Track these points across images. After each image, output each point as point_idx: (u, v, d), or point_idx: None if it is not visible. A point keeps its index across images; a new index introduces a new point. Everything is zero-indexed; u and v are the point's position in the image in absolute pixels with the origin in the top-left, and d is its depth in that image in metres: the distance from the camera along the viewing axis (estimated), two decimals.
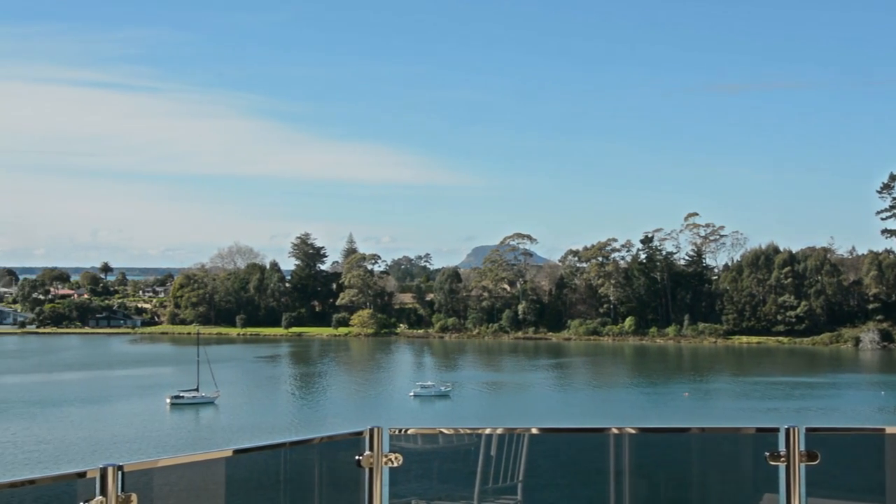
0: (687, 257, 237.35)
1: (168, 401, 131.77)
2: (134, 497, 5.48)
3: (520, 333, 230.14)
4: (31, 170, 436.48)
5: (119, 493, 5.42)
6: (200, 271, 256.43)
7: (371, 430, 7.34)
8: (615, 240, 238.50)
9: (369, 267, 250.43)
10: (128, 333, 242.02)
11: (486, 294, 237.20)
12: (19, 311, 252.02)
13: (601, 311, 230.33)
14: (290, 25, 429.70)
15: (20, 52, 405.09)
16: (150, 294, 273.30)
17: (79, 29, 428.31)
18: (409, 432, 7.64)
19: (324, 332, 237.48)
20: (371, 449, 7.27)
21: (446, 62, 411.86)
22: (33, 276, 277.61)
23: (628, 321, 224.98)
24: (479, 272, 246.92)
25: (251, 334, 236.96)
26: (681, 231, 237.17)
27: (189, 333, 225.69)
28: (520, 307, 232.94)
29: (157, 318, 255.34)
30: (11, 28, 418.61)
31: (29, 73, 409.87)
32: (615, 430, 7.80)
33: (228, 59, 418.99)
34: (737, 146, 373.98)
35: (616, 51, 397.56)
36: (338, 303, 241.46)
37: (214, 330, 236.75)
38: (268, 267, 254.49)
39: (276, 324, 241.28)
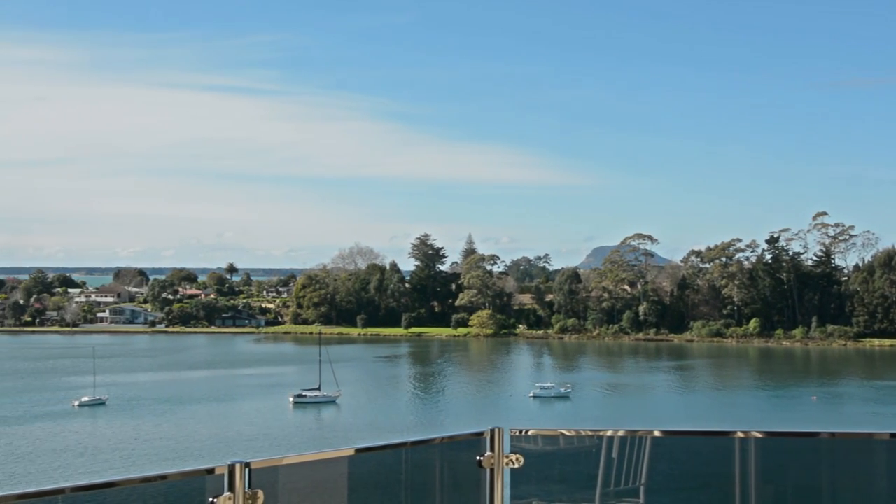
0: (815, 258, 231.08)
1: (291, 399, 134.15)
2: (260, 494, 5.56)
3: (640, 335, 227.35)
4: (162, 173, 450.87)
5: (246, 490, 5.51)
6: (322, 272, 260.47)
7: (492, 431, 7.31)
8: (739, 240, 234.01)
9: (488, 267, 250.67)
10: (252, 333, 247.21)
11: (606, 295, 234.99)
12: (149, 310, 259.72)
13: (724, 312, 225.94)
14: (414, 28, 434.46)
15: (152, 59, 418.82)
16: (274, 294, 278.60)
17: (208, 36, 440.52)
18: (529, 433, 7.59)
19: (443, 332, 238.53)
20: (492, 449, 7.24)
21: (567, 63, 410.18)
22: (163, 277, 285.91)
23: (753, 323, 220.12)
24: (600, 273, 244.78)
25: (371, 334, 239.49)
26: (808, 231, 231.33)
27: (311, 333, 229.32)
28: (640, 308, 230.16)
29: (280, 318, 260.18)
30: (143, 36, 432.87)
31: (160, 80, 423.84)
32: (740, 435, 7.61)
33: (353, 61, 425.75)
34: (867, 143, 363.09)
35: (734, 52, 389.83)
36: (457, 303, 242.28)
37: (336, 330, 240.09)
38: (388, 268, 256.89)
39: (396, 324, 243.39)
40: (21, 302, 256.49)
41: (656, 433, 7.78)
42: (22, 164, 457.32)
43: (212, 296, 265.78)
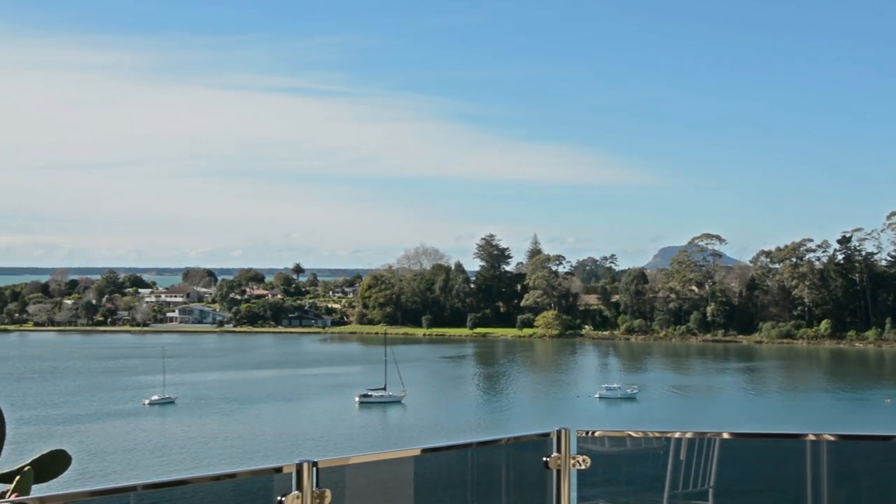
0: (889, 258, 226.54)
1: (357, 399, 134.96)
2: (328, 493, 5.58)
3: (708, 336, 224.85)
4: (230, 174, 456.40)
5: (314, 489, 5.55)
6: (388, 272, 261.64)
7: (558, 432, 7.27)
8: (810, 240, 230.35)
9: (554, 268, 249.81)
10: (318, 333, 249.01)
11: (673, 295, 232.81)
12: (217, 310, 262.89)
13: (795, 313, 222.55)
14: (480, 29, 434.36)
15: (221, 61, 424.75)
16: (340, 294, 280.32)
17: (276, 38, 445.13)
18: (596, 434, 7.54)
19: (508, 332, 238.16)
20: (559, 450, 7.20)
21: (634, 63, 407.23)
22: (230, 277, 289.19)
23: (824, 324, 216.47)
24: (667, 273, 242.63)
25: (436, 335, 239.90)
26: (882, 230, 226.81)
27: (376, 333, 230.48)
28: (708, 309, 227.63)
29: (345, 318, 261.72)
30: (212, 39, 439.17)
31: (228, 82, 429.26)
32: (812, 437, 7.48)
33: (419, 62, 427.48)
34: None
35: (800, 50, 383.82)
36: (522, 304, 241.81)
37: (401, 330, 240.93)
38: (453, 268, 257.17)
39: (461, 324, 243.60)
40: (93, 302, 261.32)
41: (725, 435, 7.68)
42: (94, 167, 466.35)
43: (279, 296, 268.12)
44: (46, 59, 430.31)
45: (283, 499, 5.46)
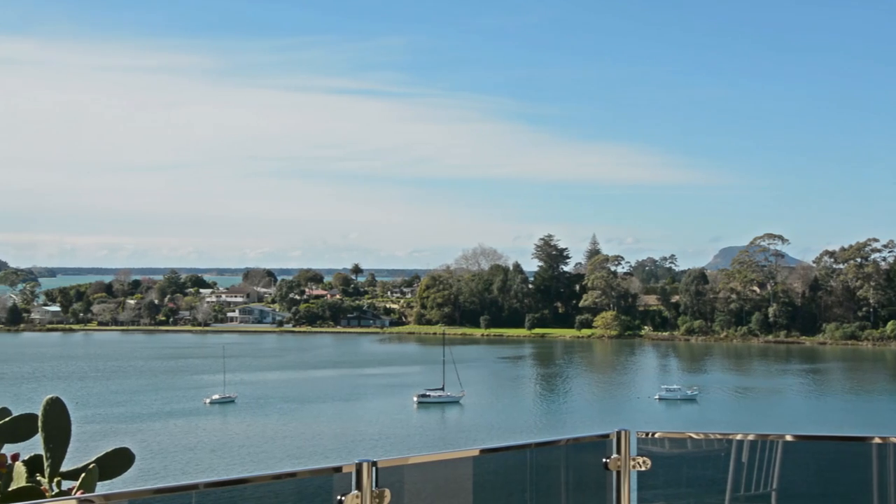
0: None
1: (415, 399, 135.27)
2: (387, 493, 5.59)
3: (770, 337, 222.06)
4: (290, 175, 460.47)
5: (373, 489, 5.56)
6: (446, 272, 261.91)
7: (618, 433, 7.21)
8: (876, 240, 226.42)
9: (613, 268, 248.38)
10: (376, 333, 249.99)
11: (734, 296, 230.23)
12: (277, 310, 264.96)
13: (859, 314, 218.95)
14: (540, 28, 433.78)
15: (282, 63, 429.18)
16: (398, 295, 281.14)
17: (338, 39, 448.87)
18: (656, 436, 7.47)
19: (567, 333, 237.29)
20: (618, 452, 7.15)
21: (697, 62, 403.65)
22: (290, 278, 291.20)
23: (890, 325, 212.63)
24: (727, 273, 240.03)
25: (495, 335, 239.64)
26: None
27: (434, 333, 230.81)
28: (770, 310, 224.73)
29: (404, 319, 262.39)
30: (275, 41, 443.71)
31: (289, 84, 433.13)
32: (878, 440, 7.35)
33: (479, 62, 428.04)
34: None
35: (864, 49, 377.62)
36: (581, 304, 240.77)
37: (459, 330, 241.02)
38: (511, 268, 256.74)
39: (520, 325, 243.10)
40: (156, 301, 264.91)
41: (788, 437, 7.57)
42: (157, 169, 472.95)
43: (337, 296, 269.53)
44: (114, 62, 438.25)
45: (343, 498, 5.47)
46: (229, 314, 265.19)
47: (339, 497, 5.47)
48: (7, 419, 5.62)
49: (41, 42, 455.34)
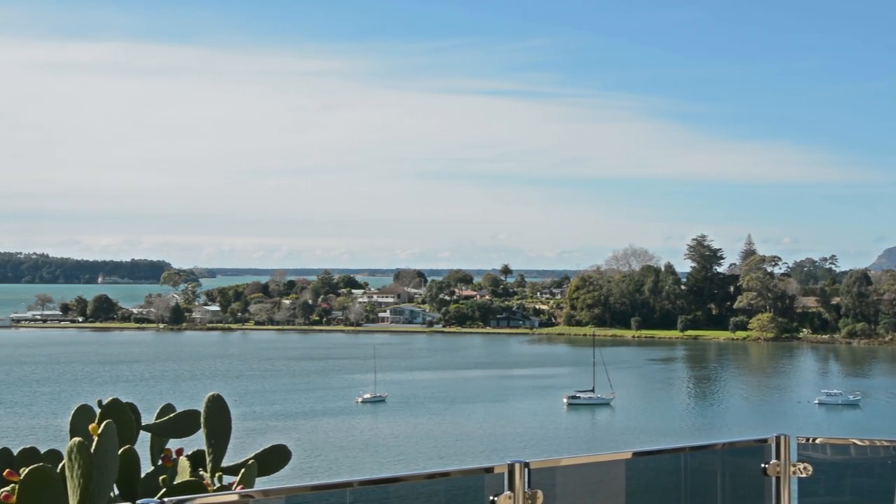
0: None
1: (565, 401, 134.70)
2: (540, 494, 5.55)
3: None
4: (439, 177, 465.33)
5: (526, 490, 5.53)
6: (596, 273, 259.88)
7: (777, 438, 7.00)
8: None
9: (769, 269, 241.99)
10: (526, 334, 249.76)
11: None
12: (427, 310, 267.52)
13: None
14: (692, 26, 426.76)
15: (434, 66, 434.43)
16: (548, 296, 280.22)
17: (489, 41, 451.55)
18: (817, 441, 7.23)
19: (720, 335, 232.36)
20: (777, 457, 6.95)
21: (856, 56, 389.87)
22: (440, 278, 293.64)
23: None
24: (892, 274, 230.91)
25: (646, 337, 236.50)
26: None
27: (584, 335, 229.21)
28: None
29: (553, 320, 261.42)
30: (427, 44, 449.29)
31: (440, 86, 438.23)
32: None
33: (629, 61, 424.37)
34: None
35: None
36: (735, 306, 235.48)
37: (609, 332, 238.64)
38: (663, 269, 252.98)
39: (671, 326, 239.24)
40: (310, 302, 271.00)
41: None
42: (311, 171, 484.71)
43: (487, 297, 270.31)
44: (271, 68, 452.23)
45: (496, 499, 5.46)
46: (380, 314, 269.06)
47: (491, 497, 5.46)
48: (171, 415, 5.81)
49: (206, 50, 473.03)
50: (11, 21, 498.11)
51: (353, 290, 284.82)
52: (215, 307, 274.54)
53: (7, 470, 4.90)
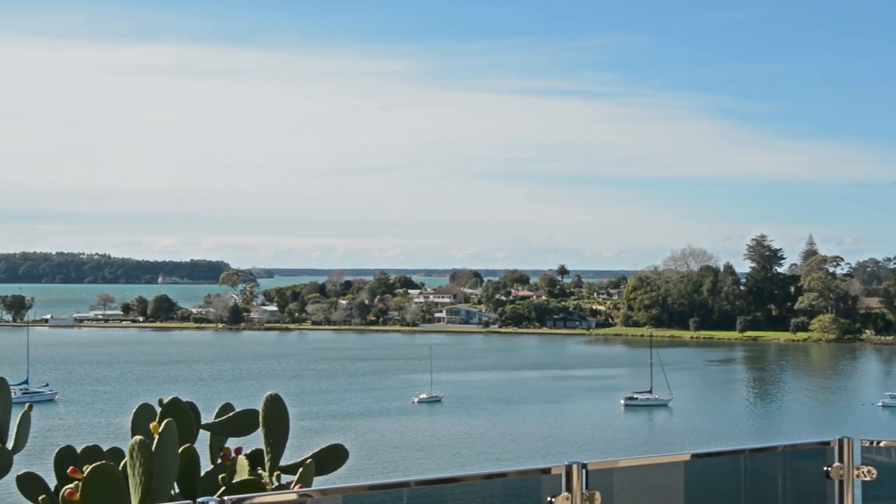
0: None
1: (622, 402, 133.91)
2: (598, 495, 5.52)
3: None
4: (495, 177, 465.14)
5: (584, 491, 5.51)
6: (653, 274, 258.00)
7: (840, 441, 6.89)
8: None
9: (831, 269, 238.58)
10: (582, 335, 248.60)
11: None
12: (483, 311, 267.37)
13: None
14: (753, 24, 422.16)
15: (490, 66, 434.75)
16: (605, 296, 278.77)
17: (546, 41, 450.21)
18: (881, 444, 7.10)
19: (780, 336, 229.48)
20: (840, 460, 6.84)
21: None
22: (496, 278, 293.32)
23: None
24: None
25: (704, 338, 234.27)
26: None
27: (642, 336, 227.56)
28: None
29: (610, 320, 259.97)
30: (483, 44, 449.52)
31: (497, 86, 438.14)
32: None
33: (689, 60, 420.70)
34: None
35: None
36: (796, 307, 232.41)
37: (667, 332, 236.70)
38: (722, 269, 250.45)
39: (730, 327, 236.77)
40: (366, 302, 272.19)
41: None
42: (366, 172, 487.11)
43: (543, 297, 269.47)
44: (330, 69, 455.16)
45: (554, 500, 5.44)
46: (437, 314, 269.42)
47: (549, 498, 5.44)
48: (230, 414, 5.87)
49: (264, 51, 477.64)
50: (71, 24, 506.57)
51: (410, 291, 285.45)
52: (273, 307, 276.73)
53: (71, 467, 4.99)
